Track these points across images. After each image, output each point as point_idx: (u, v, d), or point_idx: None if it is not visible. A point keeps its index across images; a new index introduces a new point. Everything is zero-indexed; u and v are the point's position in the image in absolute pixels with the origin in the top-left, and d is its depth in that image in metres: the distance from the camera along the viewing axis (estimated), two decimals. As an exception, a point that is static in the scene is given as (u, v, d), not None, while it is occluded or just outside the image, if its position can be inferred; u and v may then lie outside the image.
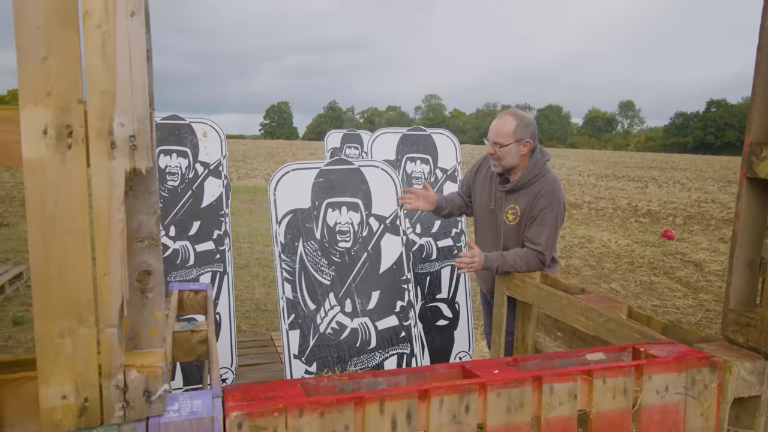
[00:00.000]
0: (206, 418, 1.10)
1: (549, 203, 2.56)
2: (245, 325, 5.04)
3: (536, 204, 2.58)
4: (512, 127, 2.58)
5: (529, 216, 2.60)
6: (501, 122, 2.62)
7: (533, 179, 2.62)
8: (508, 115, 2.63)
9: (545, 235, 2.55)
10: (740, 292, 1.62)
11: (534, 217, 2.58)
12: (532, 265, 2.56)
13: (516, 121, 2.59)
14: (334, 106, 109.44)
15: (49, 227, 0.97)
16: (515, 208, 2.66)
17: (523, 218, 2.64)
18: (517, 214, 2.65)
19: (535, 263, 2.56)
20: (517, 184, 2.64)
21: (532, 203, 2.60)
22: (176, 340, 1.65)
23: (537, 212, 2.58)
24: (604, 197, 16.17)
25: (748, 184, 1.58)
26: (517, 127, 2.58)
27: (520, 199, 2.64)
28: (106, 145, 0.99)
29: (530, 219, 2.60)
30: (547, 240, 2.56)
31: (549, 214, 2.56)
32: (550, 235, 2.56)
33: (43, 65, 0.93)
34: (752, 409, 1.56)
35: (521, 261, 2.55)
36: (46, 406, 1.00)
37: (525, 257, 2.56)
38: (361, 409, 1.21)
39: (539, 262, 2.57)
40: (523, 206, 2.63)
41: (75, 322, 1.00)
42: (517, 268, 2.55)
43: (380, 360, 2.72)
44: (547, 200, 2.57)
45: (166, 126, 3.33)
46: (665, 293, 6.48)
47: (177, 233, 3.34)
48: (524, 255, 2.56)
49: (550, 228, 2.56)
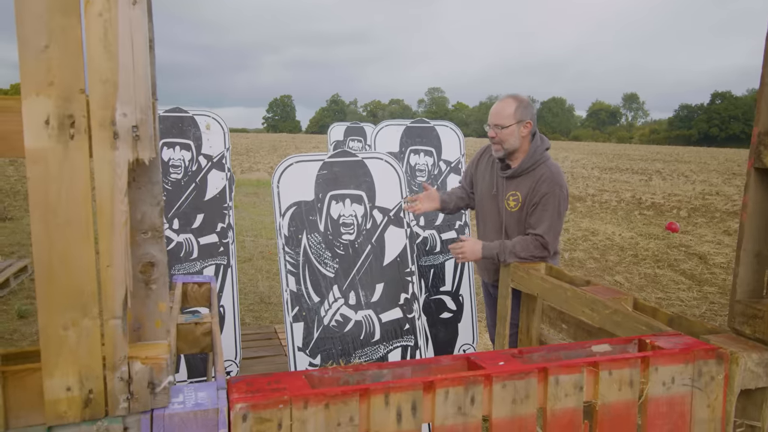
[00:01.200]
0: (211, 410, 1.10)
1: (551, 189, 2.57)
2: (249, 318, 5.05)
3: (538, 190, 2.58)
4: (512, 109, 2.61)
5: (531, 202, 2.60)
6: (501, 105, 2.65)
7: (534, 165, 2.63)
8: (508, 98, 2.66)
9: (547, 220, 2.55)
10: (747, 284, 1.61)
11: (536, 203, 2.58)
12: (534, 251, 2.54)
13: (516, 102, 2.63)
14: (336, 99, 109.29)
15: (52, 218, 0.96)
16: (516, 195, 2.65)
17: (524, 205, 2.63)
18: (518, 200, 2.65)
19: (536, 249, 2.54)
20: (518, 170, 2.65)
21: (533, 189, 2.60)
22: (180, 332, 1.65)
23: (539, 198, 2.58)
24: (608, 190, 16.11)
25: (756, 174, 1.56)
26: (517, 108, 2.61)
27: (521, 185, 2.65)
28: (108, 136, 0.98)
29: (532, 206, 2.60)
30: (549, 225, 2.55)
31: (551, 200, 2.56)
32: (551, 221, 2.55)
33: (45, 54, 0.92)
34: (759, 401, 1.55)
35: (521, 248, 2.54)
36: (50, 397, 1.00)
37: (525, 244, 2.54)
38: (366, 400, 1.20)
39: (541, 247, 2.54)
40: (525, 192, 2.63)
41: (79, 313, 0.99)
42: (518, 255, 2.54)
43: (384, 352, 2.71)
44: (549, 186, 2.57)
45: (169, 119, 3.32)
46: (669, 286, 6.46)
47: (180, 226, 3.33)
48: (524, 242, 2.55)
49: (552, 213, 2.56)
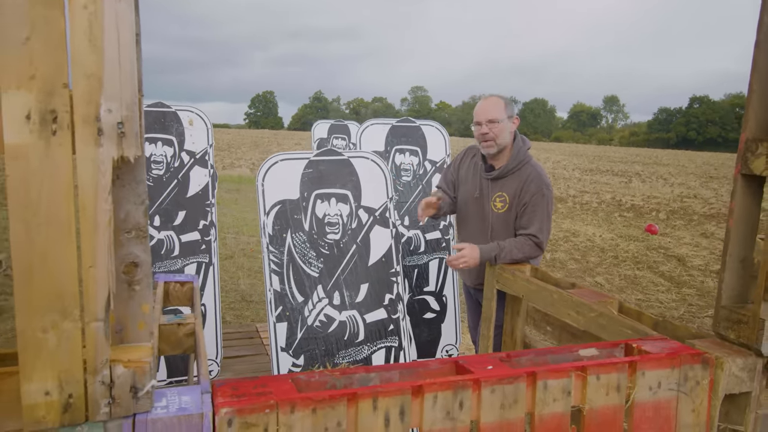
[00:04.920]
0: (195, 415, 1.07)
1: (538, 188, 2.61)
2: (230, 316, 4.99)
3: (527, 190, 2.62)
4: (502, 105, 2.67)
5: (521, 203, 2.63)
6: (490, 101, 2.69)
7: (518, 165, 2.67)
8: (492, 96, 2.72)
9: (538, 219, 2.60)
10: (732, 289, 1.62)
11: (526, 203, 2.61)
12: (528, 251, 2.58)
13: (503, 99, 2.70)
14: (320, 96, 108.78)
15: (32, 217, 0.92)
16: (503, 196, 2.68)
17: (512, 206, 2.65)
18: (506, 201, 2.67)
19: (530, 250, 2.58)
20: (503, 171, 2.67)
21: (522, 190, 2.63)
22: (162, 333, 1.61)
23: (528, 198, 2.61)
24: (588, 191, 16.29)
25: (743, 180, 1.57)
26: (506, 104, 2.68)
27: (507, 186, 2.67)
28: (92, 132, 0.95)
29: (522, 206, 2.63)
30: (541, 224, 2.60)
31: (540, 200, 2.60)
32: (542, 219, 2.60)
33: (26, 46, 0.88)
34: (742, 405, 1.56)
35: (516, 250, 2.57)
36: (28, 402, 0.96)
37: (520, 245, 2.58)
38: (354, 405, 1.18)
39: (534, 246, 2.59)
40: (512, 193, 2.65)
41: (59, 315, 0.96)
42: (514, 256, 2.57)
43: (368, 353, 2.69)
44: (537, 185, 2.61)
45: (152, 114, 3.26)
46: (649, 287, 6.54)
47: (162, 223, 3.28)
48: (518, 243, 2.58)
49: (542, 212, 2.60)
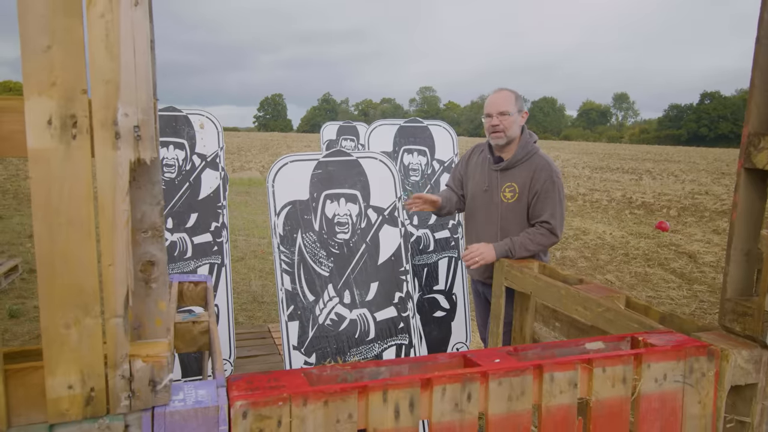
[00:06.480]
0: (211, 407, 1.11)
1: (548, 176, 2.66)
2: (242, 317, 5.04)
3: (538, 178, 2.66)
4: (513, 98, 2.73)
5: (532, 192, 2.67)
6: (501, 94, 2.74)
7: (527, 156, 2.71)
8: (502, 89, 2.77)
9: (549, 206, 2.64)
10: (737, 282, 1.64)
11: (537, 191, 2.66)
12: (541, 240, 2.62)
13: (513, 93, 2.76)
14: (328, 98, 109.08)
15: (54, 218, 0.97)
16: (513, 186, 2.72)
17: (522, 196, 2.69)
18: (515, 191, 2.71)
19: (543, 238, 2.62)
20: (512, 161, 2.72)
21: (532, 179, 2.67)
22: (178, 331, 1.65)
23: (539, 187, 2.65)
24: (598, 189, 16.22)
25: (746, 174, 1.59)
26: (516, 98, 2.74)
27: (517, 177, 2.71)
28: (110, 136, 0.99)
29: (533, 195, 2.67)
30: (553, 209, 2.64)
31: (551, 187, 2.65)
32: (554, 206, 2.64)
33: (47, 54, 0.93)
34: (748, 396, 1.58)
35: (529, 241, 2.61)
36: (52, 396, 1.01)
37: (532, 236, 2.62)
38: (364, 397, 1.22)
39: (548, 233, 2.63)
40: (522, 183, 2.69)
41: (81, 312, 1.00)
42: (528, 248, 2.61)
43: (379, 351, 2.73)
44: (547, 173, 2.66)
45: (163, 118, 3.31)
46: (660, 284, 6.52)
47: (174, 225, 3.33)
48: (531, 234, 2.63)
49: (553, 199, 2.64)
